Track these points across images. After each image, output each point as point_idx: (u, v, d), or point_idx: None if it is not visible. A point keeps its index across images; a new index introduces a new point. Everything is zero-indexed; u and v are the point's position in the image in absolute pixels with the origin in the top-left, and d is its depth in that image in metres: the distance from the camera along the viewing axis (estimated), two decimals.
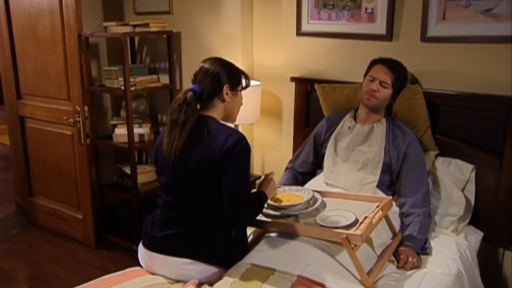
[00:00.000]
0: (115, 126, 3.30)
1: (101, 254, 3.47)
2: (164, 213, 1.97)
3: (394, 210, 2.28)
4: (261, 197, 1.98)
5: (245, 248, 2.00)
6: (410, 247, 2.10)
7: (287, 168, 2.70)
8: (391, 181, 2.39)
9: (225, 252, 1.92)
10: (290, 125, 3.08)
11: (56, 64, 3.33)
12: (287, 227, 2.00)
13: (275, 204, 2.12)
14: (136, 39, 3.62)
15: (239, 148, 1.84)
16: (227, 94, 1.93)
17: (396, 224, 2.25)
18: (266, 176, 2.09)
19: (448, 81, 2.52)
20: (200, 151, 1.85)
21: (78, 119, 3.28)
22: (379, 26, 2.64)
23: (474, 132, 2.47)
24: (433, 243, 2.20)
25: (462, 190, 2.45)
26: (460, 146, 2.50)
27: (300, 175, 2.64)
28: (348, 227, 1.91)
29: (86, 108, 3.26)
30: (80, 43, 3.14)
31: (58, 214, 3.70)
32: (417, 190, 2.28)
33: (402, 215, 2.29)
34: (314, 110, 2.91)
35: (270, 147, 3.28)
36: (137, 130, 3.25)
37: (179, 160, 1.88)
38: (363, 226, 1.89)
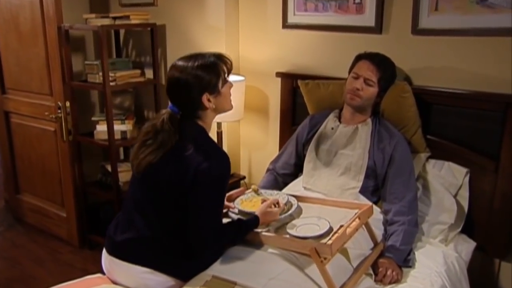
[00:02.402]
0: (96, 122, 3.17)
1: (85, 254, 3.36)
2: (126, 212, 1.84)
3: (377, 218, 2.12)
4: (244, 224, 1.82)
5: (212, 259, 1.84)
6: (391, 259, 1.94)
7: (268, 170, 2.54)
8: (376, 186, 2.22)
9: (188, 263, 1.77)
10: (276, 123, 2.92)
11: (37, 58, 3.21)
12: (253, 236, 1.84)
13: (245, 210, 1.96)
14: (121, 32, 3.48)
15: (215, 172, 1.69)
16: (209, 101, 1.76)
17: (379, 232, 2.08)
18: (267, 203, 1.90)
19: (441, 78, 2.33)
20: (175, 163, 1.71)
21: (60, 115, 3.16)
22: (368, 18, 2.46)
23: (469, 133, 2.29)
24: (418, 254, 2.03)
25: (455, 196, 2.26)
26: (453, 148, 2.32)
27: (281, 177, 2.48)
28: (319, 237, 1.75)
29: (68, 103, 3.14)
30: (60, 36, 3.01)
31: (43, 212, 3.60)
32: (403, 196, 2.11)
33: (386, 223, 2.11)
34: (301, 107, 2.73)
35: (256, 145, 3.12)
36: (119, 127, 3.12)
37: (150, 167, 1.74)
38: (335, 236, 1.73)
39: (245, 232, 1.82)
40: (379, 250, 1.98)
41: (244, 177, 3.07)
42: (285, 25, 2.77)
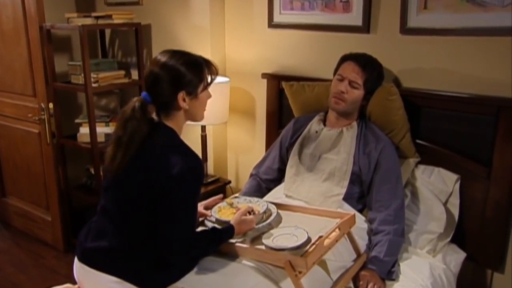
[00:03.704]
0: (80, 125, 3.09)
1: (70, 259, 3.20)
2: (98, 221, 1.76)
3: (362, 227, 2.02)
4: (218, 234, 1.71)
5: (186, 270, 1.75)
6: (373, 271, 1.84)
7: (251, 175, 2.44)
8: (361, 193, 2.12)
9: (158, 274, 1.68)
10: (263, 125, 2.82)
11: (20, 58, 3.13)
12: (226, 247, 1.74)
13: (222, 218, 1.86)
14: (107, 32, 3.39)
15: (185, 178, 1.59)
16: (184, 100, 1.67)
17: (363, 243, 1.98)
18: (248, 211, 1.82)
19: (431, 79, 2.23)
20: (145, 168, 1.62)
21: (43, 116, 3.08)
22: (355, 17, 2.36)
23: (460, 138, 2.18)
24: (403, 266, 1.93)
25: (445, 204, 2.16)
26: (444, 153, 2.21)
27: (265, 182, 2.38)
28: (296, 248, 1.65)
29: (51, 105, 3.06)
30: (42, 36, 2.93)
31: (29, 216, 3.52)
32: (389, 205, 2.00)
33: (371, 233, 2.01)
34: (287, 109, 2.63)
35: (243, 149, 3.02)
36: (103, 129, 3.03)
37: (121, 173, 1.66)
38: (313, 248, 1.63)
39: (219, 242, 1.72)
40: (361, 261, 1.88)
41: (229, 182, 2.97)
42: (271, 24, 2.67)
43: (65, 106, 3.24)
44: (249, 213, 1.83)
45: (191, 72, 1.66)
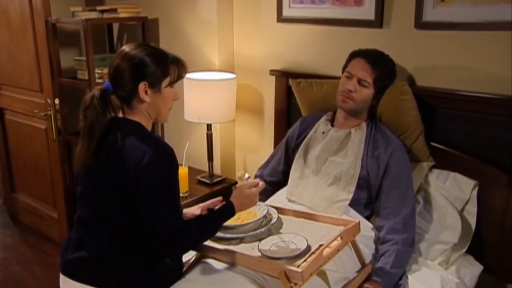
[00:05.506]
0: None
1: None
2: (77, 231, 1.67)
3: (369, 235, 1.89)
4: (213, 215, 1.62)
5: (174, 276, 1.66)
6: (378, 284, 1.70)
7: (256, 176, 2.33)
8: (369, 199, 1.98)
9: (145, 283, 1.59)
10: (272, 124, 2.71)
11: (27, 53, 3.09)
12: (219, 254, 1.64)
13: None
14: (115, 26, 3.32)
15: (157, 166, 1.49)
16: (145, 93, 1.57)
17: (369, 252, 1.85)
18: (244, 185, 1.71)
19: (447, 78, 2.08)
20: (114, 164, 1.53)
21: (49, 112, 3.03)
22: (367, 10, 2.22)
23: (479, 141, 2.03)
24: (411, 279, 1.79)
25: (461, 212, 2.00)
26: (461, 157, 2.06)
27: (269, 184, 2.25)
28: (294, 258, 1.54)
29: (57, 101, 3.00)
30: (47, 30, 2.87)
31: (37, 213, 3.50)
32: (399, 212, 1.87)
33: (379, 241, 1.88)
34: (296, 108, 2.49)
35: (251, 148, 2.91)
36: None
37: (92, 170, 1.58)
38: (311, 258, 1.52)
39: (215, 223, 1.61)
40: (366, 272, 1.75)
41: (236, 183, 2.86)
42: (280, 18, 2.55)
43: (72, 102, 3.17)
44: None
45: (154, 64, 1.57)
